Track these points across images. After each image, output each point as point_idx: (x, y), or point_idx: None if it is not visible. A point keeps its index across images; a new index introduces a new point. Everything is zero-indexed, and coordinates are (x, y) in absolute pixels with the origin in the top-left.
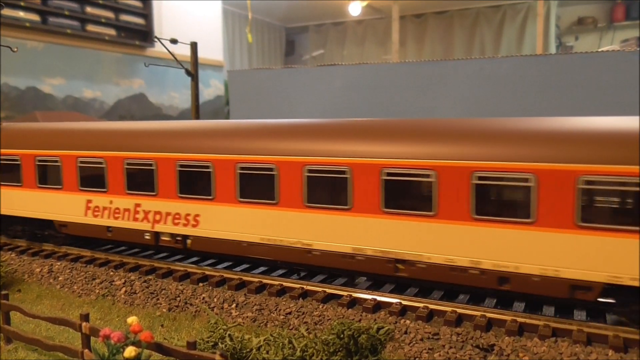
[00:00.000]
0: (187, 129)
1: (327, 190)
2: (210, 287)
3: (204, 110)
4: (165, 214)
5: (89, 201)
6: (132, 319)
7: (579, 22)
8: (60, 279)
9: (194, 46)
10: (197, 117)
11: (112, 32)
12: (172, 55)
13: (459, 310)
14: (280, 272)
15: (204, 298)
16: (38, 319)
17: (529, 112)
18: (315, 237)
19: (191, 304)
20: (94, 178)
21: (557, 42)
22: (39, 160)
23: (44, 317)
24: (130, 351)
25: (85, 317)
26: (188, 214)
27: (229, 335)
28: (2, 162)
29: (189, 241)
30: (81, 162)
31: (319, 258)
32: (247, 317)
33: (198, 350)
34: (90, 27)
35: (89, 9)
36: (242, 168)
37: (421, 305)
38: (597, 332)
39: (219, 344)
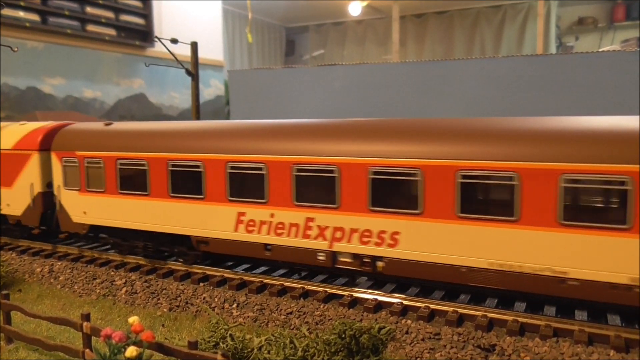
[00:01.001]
0: (380, 128)
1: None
2: (211, 287)
3: (204, 110)
4: (349, 230)
5: (242, 214)
6: (133, 319)
7: (579, 22)
8: (60, 278)
9: (194, 46)
10: (198, 117)
11: (112, 32)
12: (173, 55)
13: (460, 310)
14: (281, 272)
15: (204, 298)
16: (39, 318)
17: (530, 112)
18: (573, 263)
19: (192, 304)
20: (250, 187)
21: (557, 42)
22: (174, 165)
23: (45, 317)
24: (131, 351)
25: (86, 317)
26: (383, 231)
27: (230, 335)
28: (121, 166)
29: (380, 264)
30: (232, 168)
31: (576, 289)
32: (248, 317)
33: (199, 350)
34: (91, 27)
35: (89, 9)
36: (465, 177)
37: (422, 305)
38: (598, 332)
39: (220, 343)
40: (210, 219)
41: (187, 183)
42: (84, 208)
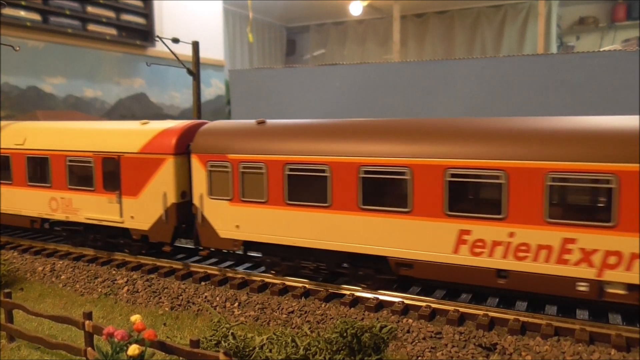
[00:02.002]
0: None
1: None
2: (213, 286)
3: (205, 110)
4: (629, 255)
5: (465, 232)
6: (135, 317)
7: (580, 22)
8: (62, 277)
9: (195, 45)
10: (199, 117)
11: (113, 31)
12: (174, 54)
13: (462, 310)
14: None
15: (206, 297)
16: (41, 317)
17: (531, 112)
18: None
19: (194, 303)
20: (479, 200)
21: (558, 41)
22: (367, 172)
23: (47, 316)
24: (133, 349)
25: (88, 316)
26: None
27: (232, 333)
28: (291, 173)
29: None
30: (453, 176)
31: None
32: (249, 315)
33: (201, 348)
34: (91, 27)
35: (89, 9)
36: None
37: (423, 304)
38: (599, 331)
39: (222, 342)
40: (419, 238)
41: (386, 194)
42: (237, 221)
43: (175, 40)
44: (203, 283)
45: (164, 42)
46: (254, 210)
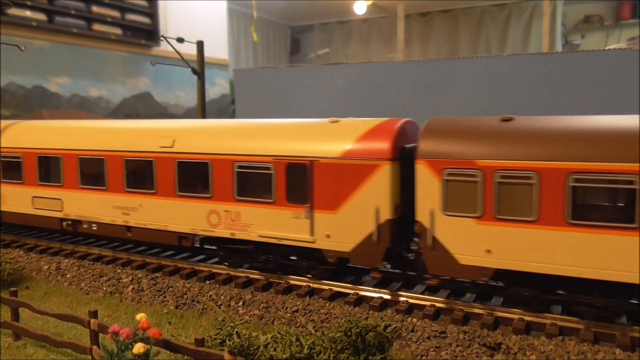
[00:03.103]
0: None
1: None
2: (217, 285)
3: (210, 109)
4: None
5: None
6: (140, 316)
7: (585, 21)
8: (68, 276)
9: (200, 45)
10: (204, 116)
11: (118, 31)
12: (179, 54)
13: (466, 309)
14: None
15: (211, 296)
16: (47, 315)
17: (535, 111)
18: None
19: (198, 302)
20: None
21: (563, 40)
22: None
23: (53, 314)
24: (139, 347)
25: (94, 314)
26: None
27: (237, 332)
28: (577, 184)
29: None
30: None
31: None
32: (254, 314)
33: (206, 347)
34: (96, 27)
35: (95, 8)
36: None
37: (428, 303)
38: (604, 331)
39: (227, 341)
40: None
41: None
42: (487, 244)
43: (180, 40)
44: (208, 282)
45: (168, 42)
46: (517, 230)
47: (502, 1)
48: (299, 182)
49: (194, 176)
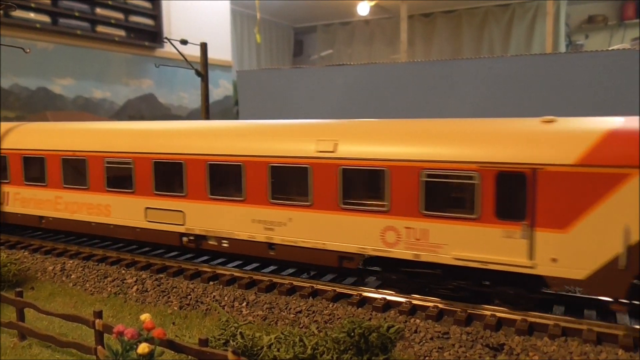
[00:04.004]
0: None
1: None
2: (221, 286)
3: (213, 110)
4: None
5: None
6: (145, 316)
7: (589, 21)
8: (72, 277)
9: (204, 47)
10: (207, 118)
11: (121, 33)
12: (183, 55)
13: (469, 310)
14: (290, 271)
15: (214, 296)
16: (52, 315)
17: (539, 112)
18: None
19: (202, 302)
20: None
21: (566, 40)
22: None
23: (58, 314)
24: (143, 347)
25: (99, 314)
26: None
27: (240, 333)
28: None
29: None
30: None
31: None
32: (257, 315)
33: (210, 347)
34: (100, 28)
35: (98, 10)
36: None
37: (431, 304)
38: (607, 331)
39: (231, 341)
40: None
41: None
42: None
43: (184, 42)
44: (211, 283)
45: (172, 44)
46: None
47: (505, 1)
48: (513, 194)
49: (363, 187)
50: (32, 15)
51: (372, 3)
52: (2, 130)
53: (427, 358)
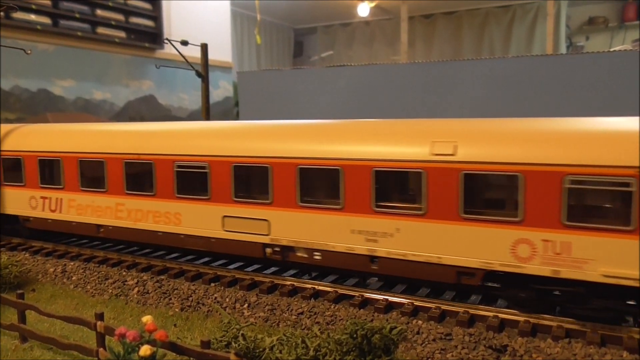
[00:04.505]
0: None
1: None
2: (222, 287)
3: (213, 111)
4: None
5: None
6: (146, 318)
7: (589, 22)
8: (73, 278)
9: (204, 48)
10: (208, 119)
11: (122, 34)
12: (183, 56)
13: (471, 311)
14: (292, 272)
15: (216, 298)
16: (53, 318)
17: (539, 113)
18: None
19: (203, 304)
20: None
21: (567, 42)
22: None
23: (59, 316)
24: (145, 350)
25: (100, 316)
26: None
27: (242, 334)
28: None
29: None
30: None
31: None
32: (259, 317)
33: (212, 349)
34: (101, 30)
35: (99, 12)
36: None
37: (433, 305)
38: (611, 333)
39: (232, 343)
40: None
41: None
42: None
43: (184, 43)
44: (213, 284)
45: (172, 45)
46: None
47: (506, 2)
48: None
49: (489, 194)
50: (32, 16)
51: (373, 4)
52: (56, 130)
53: (429, 359)
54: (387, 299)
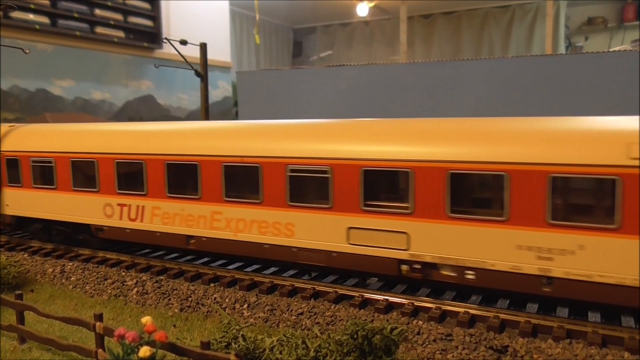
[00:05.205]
0: None
1: None
2: (222, 288)
3: (212, 111)
4: None
5: None
6: (146, 319)
7: (588, 22)
8: (72, 279)
9: (203, 47)
10: (207, 118)
11: (120, 34)
12: (182, 56)
13: (472, 311)
14: (292, 272)
15: (215, 298)
16: (52, 318)
17: (539, 113)
18: None
19: (203, 305)
20: None
21: (566, 42)
22: None
23: (58, 317)
24: (144, 351)
25: (99, 317)
26: None
27: (242, 335)
28: None
29: None
30: None
31: None
32: (259, 317)
33: (211, 350)
34: (99, 29)
35: (97, 12)
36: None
37: (433, 306)
38: (612, 333)
39: (232, 344)
40: None
41: None
42: None
43: (183, 42)
44: (212, 284)
45: (172, 44)
46: None
47: (505, 3)
48: None
49: None
50: (31, 16)
51: (372, 4)
52: (140, 129)
53: None
54: (387, 299)
